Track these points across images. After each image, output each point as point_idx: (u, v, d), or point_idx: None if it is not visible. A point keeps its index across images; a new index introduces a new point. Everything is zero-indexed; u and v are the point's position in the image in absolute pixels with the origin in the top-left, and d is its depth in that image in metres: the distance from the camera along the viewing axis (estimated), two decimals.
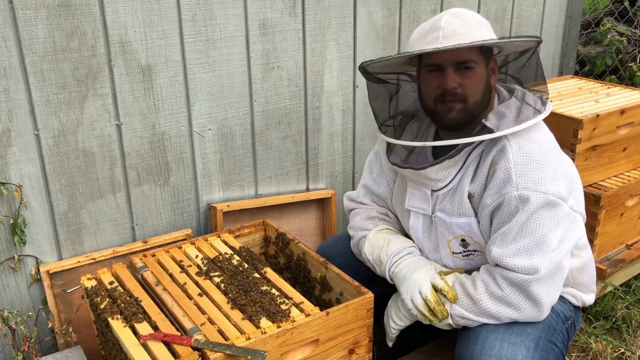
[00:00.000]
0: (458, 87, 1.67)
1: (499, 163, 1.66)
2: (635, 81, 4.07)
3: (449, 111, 1.71)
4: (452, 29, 1.63)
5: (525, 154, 1.64)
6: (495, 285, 1.66)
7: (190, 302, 1.79)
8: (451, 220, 1.77)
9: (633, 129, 2.59)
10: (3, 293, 2.08)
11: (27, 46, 1.88)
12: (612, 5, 4.73)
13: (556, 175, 1.66)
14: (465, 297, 1.70)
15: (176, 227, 2.38)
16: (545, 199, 1.61)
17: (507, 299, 1.65)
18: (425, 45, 1.65)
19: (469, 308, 1.69)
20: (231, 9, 2.23)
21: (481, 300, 1.67)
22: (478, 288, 1.69)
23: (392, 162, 1.83)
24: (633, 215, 2.64)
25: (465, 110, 1.70)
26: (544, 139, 1.71)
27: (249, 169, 2.50)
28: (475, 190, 1.72)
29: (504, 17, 3.10)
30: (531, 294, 1.63)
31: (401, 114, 1.93)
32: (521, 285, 1.63)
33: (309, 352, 1.70)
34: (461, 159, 1.74)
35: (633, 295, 2.67)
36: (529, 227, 1.62)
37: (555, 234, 1.62)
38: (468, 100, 1.69)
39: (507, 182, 1.63)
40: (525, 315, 1.66)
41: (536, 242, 1.62)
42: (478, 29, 1.66)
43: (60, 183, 2.07)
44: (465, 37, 1.62)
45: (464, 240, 1.79)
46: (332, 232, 2.70)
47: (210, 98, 2.30)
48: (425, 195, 1.82)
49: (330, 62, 2.56)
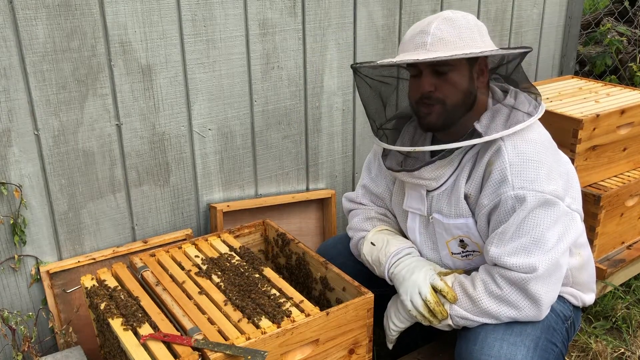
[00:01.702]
0: (434, 90, 1.69)
1: (494, 164, 1.66)
2: (635, 81, 4.07)
3: (427, 114, 1.73)
4: (440, 36, 1.65)
5: (521, 154, 1.65)
6: (494, 284, 1.66)
7: (190, 302, 1.79)
8: (448, 222, 1.78)
9: (633, 129, 2.59)
10: (3, 293, 2.08)
11: (27, 46, 1.88)
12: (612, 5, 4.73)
13: (552, 174, 1.66)
14: (464, 297, 1.70)
15: (176, 227, 2.38)
16: (541, 198, 1.61)
17: (506, 298, 1.65)
18: (414, 48, 1.68)
19: (469, 308, 1.69)
20: (231, 9, 2.23)
21: (481, 300, 1.67)
22: (477, 288, 1.69)
23: (387, 167, 1.85)
24: (633, 215, 2.64)
25: (443, 113, 1.71)
26: (539, 138, 1.71)
27: (249, 169, 2.50)
28: (471, 191, 1.73)
29: (504, 17, 3.10)
30: (530, 292, 1.63)
31: (395, 117, 1.94)
32: (520, 283, 1.63)
33: (309, 352, 1.70)
34: (456, 159, 1.75)
35: (633, 295, 2.67)
36: (526, 226, 1.62)
37: (552, 233, 1.63)
38: (446, 103, 1.70)
39: (503, 182, 1.64)
40: (524, 314, 1.66)
41: (534, 240, 1.62)
42: (469, 35, 1.68)
43: (60, 183, 2.07)
44: (451, 45, 1.65)
45: (462, 241, 1.79)
46: (332, 232, 2.70)
47: (210, 98, 2.30)
48: (421, 196, 1.83)
49: (330, 62, 2.56)
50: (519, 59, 1.78)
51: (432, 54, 1.62)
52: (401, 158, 1.85)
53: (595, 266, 2.01)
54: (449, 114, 1.71)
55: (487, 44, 1.73)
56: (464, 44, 1.66)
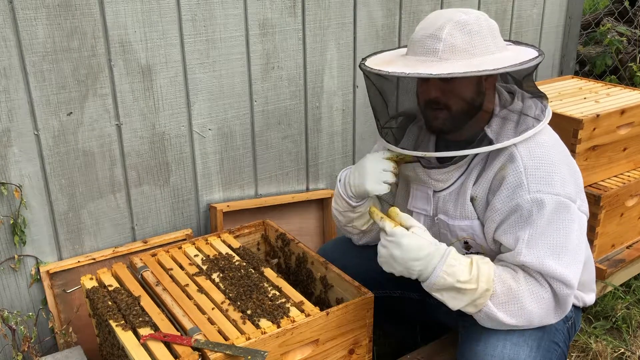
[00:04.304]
0: (440, 95, 1.67)
1: (507, 168, 1.66)
2: (635, 81, 4.06)
3: (434, 118, 1.72)
4: (452, 43, 1.61)
5: (535, 158, 1.65)
6: (537, 285, 1.62)
7: (190, 302, 1.79)
8: (454, 223, 1.77)
9: (633, 129, 2.59)
10: (3, 293, 2.08)
11: (27, 46, 1.88)
12: (612, 5, 4.73)
13: (565, 176, 1.66)
14: (504, 291, 1.61)
15: (176, 227, 2.38)
16: (558, 201, 1.61)
17: (547, 304, 1.62)
18: (424, 53, 1.65)
19: (513, 312, 1.61)
20: (231, 9, 2.23)
21: (523, 297, 1.61)
22: (520, 283, 1.61)
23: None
24: (633, 215, 2.64)
25: (450, 118, 1.70)
26: (550, 141, 1.72)
27: (249, 169, 2.50)
28: (478, 193, 1.72)
29: (504, 17, 3.10)
30: (566, 305, 1.64)
31: (402, 115, 1.93)
32: (561, 295, 1.61)
33: (309, 352, 1.70)
34: (465, 162, 1.75)
35: (633, 295, 2.67)
36: (555, 230, 1.61)
37: (574, 236, 1.63)
38: (452, 108, 1.68)
39: (519, 186, 1.63)
40: (548, 319, 1.65)
41: (564, 246, 1.60)
42: (481, 43, 1.64)
43: (60, 183, 2.07)
44: (463, 54, 1.62)
45: (466, 243, 1.78)
46: (332, 232, 2.70)
47: (210, 98, 2.30)
48: (427, 196, 1.82)
49: (330, 62, 2.56)
50: (533, 69, 1.76)
51: (444, 63, 1.60)
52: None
53: (595, 266, 2.01)
54: (456, 119, 1.70)
55: (499, 47, 1.70)
56: (475, 51, 1.63)
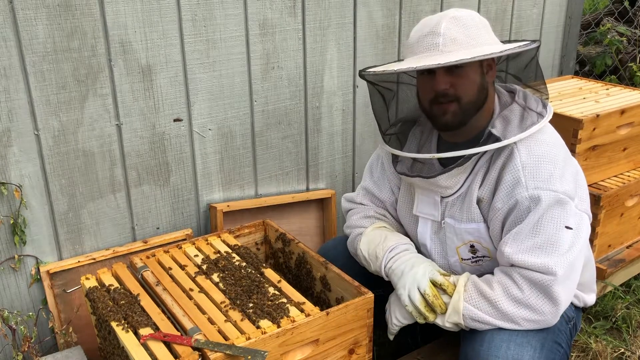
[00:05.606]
0: (449, 87, 1.68)
1: (507, 167, 1.67)
2: (635, 81, 4.06)
3: (443, 113, 1.72)
4: (451, 36, 1.64)
5: (533, 156, 1.66)
6: (514, 286, 1.63)
7: (190, 302, 1.79)
8: (460, 226, 1.77)
9: (633, 129, 2.59)
10: (3, 293, 2.08)
11: (27, 46, 1.88)
12: (612, 5, 4.73)
13: (564, 174, 1.67)
14: (481, 298, 1.65)
15: (176, 227, 2.38)
16: (555, 197, 1.61)
17: (527, 301, 1.62)
18: (426, 50, 1.66)
19: (486, 310, 1.64)
20: (231, 9, 2.23)
21: (499, 302, 1.63)
22: (495, 289, 1.64)
23: (399, 172, 1.83)
24: (633, 215, 2.64)
25: (459, 111, 1.70)
26: (550, 139, 1.73)
27: (249, 169, 2.50)
28: (484, 195, 1.72)
29: (504, 17, 3.10)
30: (552, 295, 1.60)
31: (403, 120, 1.93)
32: (542, 285, 1.60)
33: (309, 352, 1.70)
34: (470, 165, 1.75)
35: (633, 295, 2.67)
36: (541, 225, 1.61)
37: (566, 232, 1.62)
38: (461, 100, 1.69)
39: (517, 184, 1.64)
40: (543, 318, 1.63)
41: (549, 240, 1.60)
42: (478, 34, 1.68)
43: (60, 183, 2.07)
44: (463, 45, 1.64)
45: (472, 246, 1.78)
46: (332, 232, 2.70)
47: (210, 98, 2.30)
48: (435, 202, 1.82)
49: (330, 62, 2.56)
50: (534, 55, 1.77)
51: (448, 55, 1.61)
52: (409, 162, 1.85)
53: (595, 266, 2.01)
54: (464, 111, 1.71)
55: (494, 40, 1.74)
56: (474, 42, 1.66)
